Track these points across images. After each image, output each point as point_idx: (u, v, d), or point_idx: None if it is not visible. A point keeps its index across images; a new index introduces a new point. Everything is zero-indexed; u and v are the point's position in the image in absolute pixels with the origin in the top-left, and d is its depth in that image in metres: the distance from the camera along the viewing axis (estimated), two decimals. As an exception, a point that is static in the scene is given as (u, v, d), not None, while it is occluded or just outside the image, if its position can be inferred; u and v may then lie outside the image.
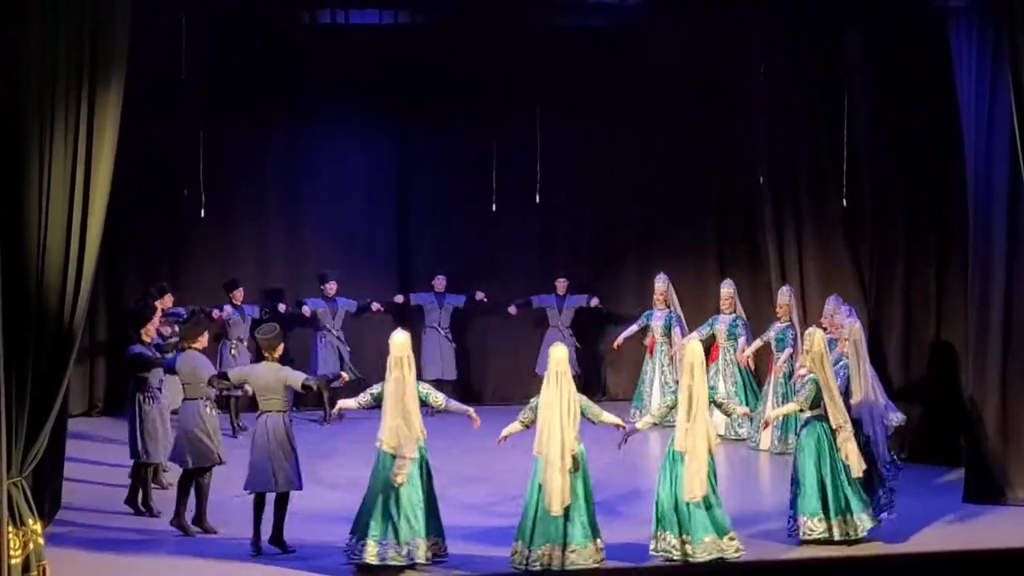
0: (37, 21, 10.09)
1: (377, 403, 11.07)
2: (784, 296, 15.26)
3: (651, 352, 16.47)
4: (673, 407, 11.32)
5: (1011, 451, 13.11)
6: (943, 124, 13.96)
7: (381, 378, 11.07)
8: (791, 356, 14.88)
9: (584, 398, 11.13)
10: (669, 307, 16.45)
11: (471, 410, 11.37)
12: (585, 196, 17.76)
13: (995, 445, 13.10)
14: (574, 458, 10.85)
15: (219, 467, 12.11)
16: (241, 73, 16.49)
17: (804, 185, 15.98)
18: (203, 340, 12.16)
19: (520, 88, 16.47)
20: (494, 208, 16.22)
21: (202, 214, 14.73)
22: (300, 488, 11.47)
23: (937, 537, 12.11)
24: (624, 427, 11.32)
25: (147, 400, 12.66)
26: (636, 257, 17.77)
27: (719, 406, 11.71)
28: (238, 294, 16.00)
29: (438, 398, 11.19)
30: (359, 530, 10.95)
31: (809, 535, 11.62)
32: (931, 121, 14.33)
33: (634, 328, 16.50)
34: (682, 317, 16.43)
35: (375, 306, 16.83)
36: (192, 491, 11.99)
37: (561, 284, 17.13)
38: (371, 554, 10.85)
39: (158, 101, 15.46)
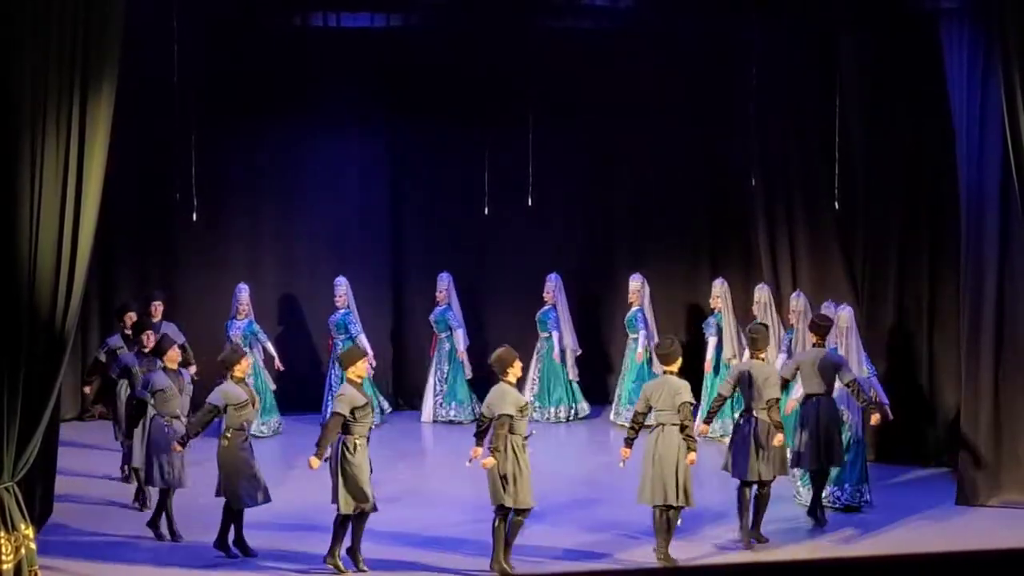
0: (29, 24, 10.09)
1: None
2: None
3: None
4: None
5: (1003, 453, 13.13)
6: (935, 126, 13.97)
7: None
8: (718, 344, 15.76)
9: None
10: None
11: None
12: (577, 199, 17.76)
13: (987, 447, 13.12)
14: None
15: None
16: (233, 77, 16.45)
17: (797, 187, 15.96)
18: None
19: (512, 91, 16.44)
20: (486, 211, 16.20)
21: (194, 218, 14.69)
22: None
23: (929, 538, 12.14)
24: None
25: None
26: (628, 260, 17.74)
27: None
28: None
29: None
30: None
31: None
32: (923, 123, 14.36)
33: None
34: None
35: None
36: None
37: (156, 308, 15.02)
38: None
39: (150, 105, 15.43)
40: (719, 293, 15.96)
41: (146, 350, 13.26)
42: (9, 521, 10.18)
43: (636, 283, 16.58)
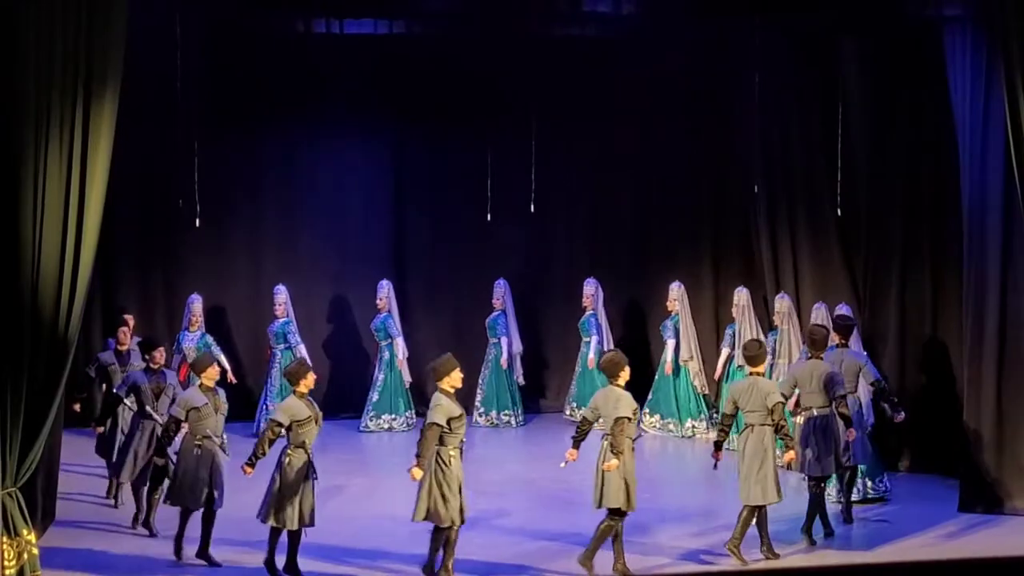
0: (33, 31, 10.12)
1: None
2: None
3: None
4: None
5: (1006, 460, 13.11)
6: (938, 131, 13.98)
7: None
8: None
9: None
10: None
11: None
12: (580, 205, 17.78)
13: (990, 454, 13.11)
14: None
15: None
16: (236, 83, 16.48)
17: (799, 192, 15.98)
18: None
19: (515, 97, 16.47)
20: (489, 217, 16.21)
21: (197, 224, 14.71)
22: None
23: (932, 546, 12.12)
24: None
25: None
26: (631, 266, 17.77)
27: None
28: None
29: None
30: None
31: None
32: (925, 128, 14.36)
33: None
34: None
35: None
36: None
37: (124, 333, 14.08)
38: None
39: (153, 111, 15.45)
40: (676, 296, 16.24)
41: (154, 366, 12.75)
42: (12, 526, 10.18)
43: (590, 288, 16.78)
